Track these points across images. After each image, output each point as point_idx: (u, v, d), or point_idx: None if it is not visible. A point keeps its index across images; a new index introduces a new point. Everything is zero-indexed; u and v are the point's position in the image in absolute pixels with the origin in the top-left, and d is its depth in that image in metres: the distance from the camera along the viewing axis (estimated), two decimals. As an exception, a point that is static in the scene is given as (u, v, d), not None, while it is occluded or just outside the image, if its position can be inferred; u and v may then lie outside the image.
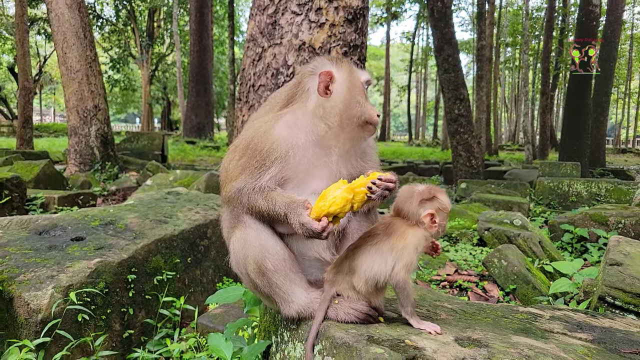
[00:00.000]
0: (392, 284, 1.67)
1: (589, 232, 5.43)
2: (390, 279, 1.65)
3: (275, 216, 1.74)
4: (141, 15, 39.28)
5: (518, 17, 38.31)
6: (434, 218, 1.69)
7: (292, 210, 1.69)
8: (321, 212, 1.64)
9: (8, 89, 41.28)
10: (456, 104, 12.07)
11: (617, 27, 18.56)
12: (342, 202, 1.63)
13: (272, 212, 1.74)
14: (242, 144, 1.87)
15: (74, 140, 10.89)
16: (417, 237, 1.68)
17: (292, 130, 1.83)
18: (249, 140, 1.85)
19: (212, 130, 27.59)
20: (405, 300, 1.68)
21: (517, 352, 1.48)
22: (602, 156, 19.36)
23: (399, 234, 1.68)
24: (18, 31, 14.24)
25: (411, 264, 1.66)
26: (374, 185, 1.65)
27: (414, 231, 1.69)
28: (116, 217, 3.67)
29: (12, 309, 2.56)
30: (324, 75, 1.81)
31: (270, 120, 1.87)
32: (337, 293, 1.75)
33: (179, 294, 3.46)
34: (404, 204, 1.73)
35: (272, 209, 1.73)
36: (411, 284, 1.67)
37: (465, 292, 4.17)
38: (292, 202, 1.70)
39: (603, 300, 2.77)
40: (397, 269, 1.64)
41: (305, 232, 1.66)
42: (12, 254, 2.90)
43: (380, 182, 1.66)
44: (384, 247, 1.67)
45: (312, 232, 1.64)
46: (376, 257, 1.66)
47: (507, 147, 41.27)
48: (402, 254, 1.65)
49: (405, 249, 1.65)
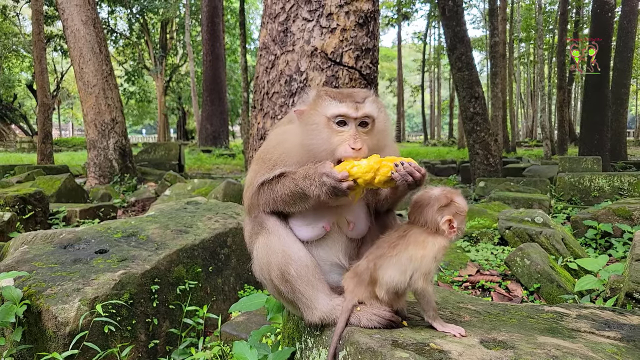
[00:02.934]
0: (412, 290, 1.67)
1: (613, 227, 5.32)
2: (408, 287, 1.66)
3: (297, 187, 1.74)
4: (154, 27, 39.89)
5: (531, 12, 37.81)
6: (452, 223, 1.67)
7: (312, 168, 1.70)
8: (343, 168, 1.64)
9: (27, 105, 42.31)
10: (471, 102, 11.97)
11: (634, 17, 18.17)
12: (367, 168, 1.62)
13: (293, 186, 1.75)
14: (257, 156, 1.97)
15: (93, 153, 11.10)
16: (436, 245, 1.66)
17: (298, 147, 1.85)
18: (262, 151, 1.95)
19: (227, 138, 27.83)
20: (427, 306, 1.68)
21: (544, 352, 1.47)
22: (624, 149, 18.94)
23: (417, 243, 1.66)
24: (35, 49, 14.58)
25: (429, 273, 1.64)
26: (401, 165, 1.64)
27: (433, 239, 1.66)
28: (138, 229, 3.73)
29: (41, 322, 2.62)
30: (297, 113, 1.84)
31: (282, 133, 1.95)
32: (359, 301, 1.75)
33: (202, 302, 3.49)
34: (421, 211, 1.71)
35: (293, 181, 1.75)
36: (431, 289, 1.66)
37: (488, 292, 4.13)
38: (311, 166, 1.73)
39: (630, 296, 2.71)
40: (415, 277, 1.63)
41: (325, 181, 1.63)
42: (38, 268, 2.96)
43: (409, 166, 1.65)
44: (403, 258, 1.65)
45: (333, 180, 1.62)
46: (396, 268, 1.65)
47: (524, 143, 40.70)
48: (420, 264, 1.63)
49: (424, 258, 1.64)
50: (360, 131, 1.75)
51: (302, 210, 1.82)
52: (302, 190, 1.72)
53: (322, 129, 1.74)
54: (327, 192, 1.65)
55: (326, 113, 1.74)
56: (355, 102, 1.75)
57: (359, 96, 1.78)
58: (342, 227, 1.89)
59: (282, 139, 1.92)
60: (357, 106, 1.74)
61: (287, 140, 1.88)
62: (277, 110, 4.49)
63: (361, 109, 1.74)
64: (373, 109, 1.77)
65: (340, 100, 1.76)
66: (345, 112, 1.73)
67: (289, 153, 1.84)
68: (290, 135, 1.88)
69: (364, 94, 1.81)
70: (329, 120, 1.74)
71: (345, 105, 1.74)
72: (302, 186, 1.71)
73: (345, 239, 1.89)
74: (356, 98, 1.77)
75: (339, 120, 1.74)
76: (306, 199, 1.74)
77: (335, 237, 1.87)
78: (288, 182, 1.77)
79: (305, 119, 1.79)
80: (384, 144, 1.85)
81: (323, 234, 1.86)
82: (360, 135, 1.74)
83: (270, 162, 1.86)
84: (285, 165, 1.83)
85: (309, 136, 1.77)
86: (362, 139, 1.74)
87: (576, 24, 27.60)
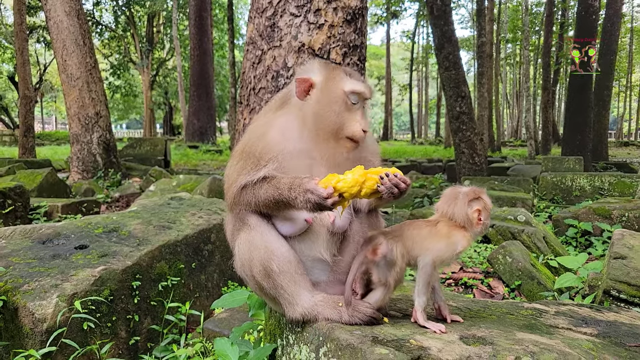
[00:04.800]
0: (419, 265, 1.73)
1: (593, 226, 5.41)
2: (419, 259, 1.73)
3: (280, 196, 1.72)
4: (140, 20, 39.39)
5: (518, 13, 38.23)
6: (480, 215, 1.76)
7: (297, 181, 1.69)
8: (328, 183, 1.63)
9: (9, 98, 41.44)
10: (458, 101, 12.05)
11: (617, 20, 18.46)
12: (352, 182, 1.62)
13: (276, 194, 1.73)
14: (239, 148, 1.93)
15: (76, 147, 10.92)
16: (460, 236, 1.75)
17: (283, 134, 1.85)
18: (245, 144, 1.91)
19: (214, 134, 27.63)
20: (421, 290, 1.73)
21: (522, 348, 1.48)
22: (605, 150, 19.26)
23: (443, 234, 1.76)
24: (17, 40, 14.29)
25: (444, 259, 1.74)
26: (386, 177, 1.65)
27: (459, 232, 1.76)
28: (119, 224, 3.68)
29: (17, 319, 2.57)
30: (300, 82, 1.82)
31: (265, 124, 1.91)
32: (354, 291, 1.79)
33: (184, 299, 3.47)
34: (450, 204, 1.80)
35: (277, 188, 1.73)
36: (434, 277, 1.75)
37: (471, 289, 4.16)
38: (296, 178, 1.72)
39: (608, 294, 2.75)
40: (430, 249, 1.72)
41: (310, 198, 1.63)
42: (15, 263, 2.91)
43: (394, 177, 1.66)
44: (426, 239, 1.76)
45: (317, 197, 1.61)
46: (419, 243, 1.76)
47: (509, 143, 41.15)
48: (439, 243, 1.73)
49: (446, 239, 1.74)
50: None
51: (284, 214, 1.83)
52: (286, 200, 1.71)
53: (336, 102, 1.77)
54: (313, 208, 1.65)
55: (344, 87, 1.78)
56: (366, 83, 1.83)
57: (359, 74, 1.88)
58: (323, 220, 1.88)
59: (264, 131, 1.88)
60: (369, 87, 1.83)
61: (270, 132, 1.86)
62: (263, 105, 4.46)
63: (370, 89, 1.83)
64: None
65: (357, 78, 1.83)
66: (363, 91, 1.80)
67: (273, 145, 1.82)
68: (274, 125, 1.87)
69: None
70: (345, 95, 1.78)
71: (362, 85, 1.81)
72: (287, 197, 1.70)
73: (327, 233, 1.88)
74: (361, 78, 1.86)
75: (354, 97, 1.79)
76: (290, 207, 1.74)
77: (317, 232, 1.86)
78: (272, 190, 1.75)
79: (317, 89, 1.81)
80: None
81: (305, 228, 1.85)
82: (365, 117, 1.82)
83: (253, 157, 1.83)
84: (269, 159, 1.81)
85: (319, 107, 1.78)
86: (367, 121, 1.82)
87: (562, 26, 27.91)
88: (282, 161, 1.81)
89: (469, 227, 1.76)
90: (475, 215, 1.76)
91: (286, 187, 1.70)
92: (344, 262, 1.91)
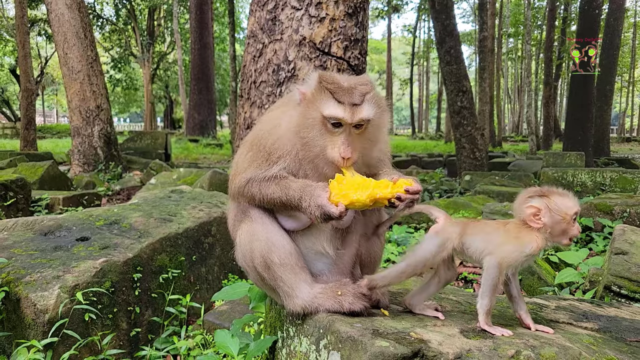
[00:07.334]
0: (484, 266, 1.62)
1: (594, 221, 5.41)
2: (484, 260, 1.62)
3: (288, 201, 1.72)
4: (141, 14, 39.25)
5: (520, 7, 38.01)
6: (537, 213, 1.62)
7: (308, 192, 1.68)
8: (339, 195, 1.63)
9: (10, 91, 41.44)
10: (459, 96, 12.02)
11: (620, 15, 18.38)
12: (366, 198, 1.63)
13: (284, 198, 1.73)
14: (249, 139, 1.93)
15: (77, 140, 10.92)
16: (530, 238, 1.62)
17: (291, 131, 1.82)
18: (255, 135, 1.91)
19: (214, 127, 27.62)
20: (485, 292, 1.61)
21: (522, 342, 1.49)
22: (607, 145, 19.25)
23: (511, 234, 1.65)
24: (19, 33, 14.26)
25: (510, 263, 1.60)
26: (399, 200, 1.65)
27: (529, 233, 1.63)
28: (120, 217, 3.68)
29: (20, 310, 2.58)
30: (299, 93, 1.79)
31: (276, 118, 1.90)
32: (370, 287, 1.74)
33: (185, 291, 3.47)
34: (515, 202, 1.72)
35: (286, 193, 1.73)
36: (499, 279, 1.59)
37: (471, 284, 4.17)
38: (307, 186, 1.70)
39: (609, 289, 2.76)
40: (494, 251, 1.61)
41: (321, 214, 1.64)
42: (17, 255, 2.91)
43: (407, 195, 1.64)
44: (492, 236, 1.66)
45: (329, 216, 1.63)
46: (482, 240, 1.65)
47: (510, 138, 41.09)
48: (506, 244, 1.61)
49: (514, 239, 1.62)
50: (354, 132, 1.71)
51: (288, 213, 1.84)
52: (295, 207, 1.72)
53: (316, 124, 1.72)
54: (322, 219, 1.66)
55: (323, 111, 1.69)
56: (352, 104, 1.68)
57: (358, 93, 1.70)
58: None
59: (276, 124, 1.87)
60: (354, 110, 1.67)
61: (282, 125, 1.84)
62: (264, 99, 4.45)
63: (357, 113, 1.68)
64: (369, 111, 1.70)
65: (340, 99, 1.68)
66: (342, 118, 1.67)
67: (284, 139, 1.81)
68: (285, 120, 1.84)
69: (364, 89, 1.72)
70: (324, 119, 1.70)
71: (342, 109, 1.67)
72: (296, 205, 1.71)
73: (331, 228, 1.88)
74: (354, 98, 1.68)
75: (334, 122, 1.69)
76: (297, 210, 1.74)
77: (320, 227, 1.86)
78: (280, 192, 1.75)
79: (304, 107, 1.76)
80: (376, 138, 1.82)
81: (309, 223, 1.85)
82: (352, 139, 1.70)
83: (264, 150, 1.83)
84: (279, 157, 1.80)
85: (304, 128, 1.74)
86: (354, 143, 1.70)
87: (564, 21, 27.81)
88: (291, 162, 1.81)
89: (532, 225, 1.63)
90: (528, 212, 1.62)
91: (296, 196, 1.70)
92: (347, 256, 1.92)
